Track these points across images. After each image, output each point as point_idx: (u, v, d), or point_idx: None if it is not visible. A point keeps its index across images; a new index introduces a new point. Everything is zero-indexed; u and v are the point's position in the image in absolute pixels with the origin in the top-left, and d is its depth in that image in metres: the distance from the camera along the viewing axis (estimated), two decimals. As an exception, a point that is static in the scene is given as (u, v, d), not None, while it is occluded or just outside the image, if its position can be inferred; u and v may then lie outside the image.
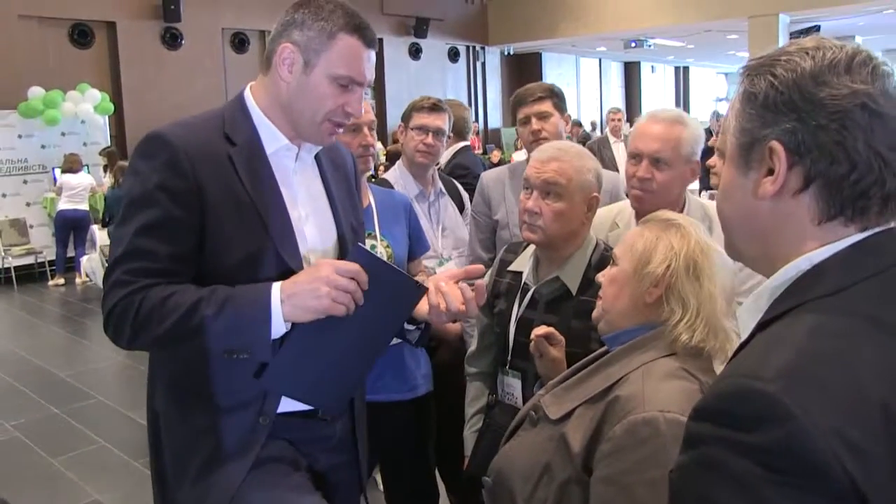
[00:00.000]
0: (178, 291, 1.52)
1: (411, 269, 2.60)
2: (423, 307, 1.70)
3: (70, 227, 9.94)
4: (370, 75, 1.69)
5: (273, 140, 1.69)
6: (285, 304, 1.52)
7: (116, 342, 1.59)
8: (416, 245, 2.66)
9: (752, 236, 1.00)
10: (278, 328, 1.54)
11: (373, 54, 1.68)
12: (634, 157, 2.19)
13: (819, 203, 0.91)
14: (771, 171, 0.93)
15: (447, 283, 1.67)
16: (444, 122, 3.01)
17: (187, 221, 1.56)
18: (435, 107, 3.01)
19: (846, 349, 0.81)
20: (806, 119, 0.89)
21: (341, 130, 1.73)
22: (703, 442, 0.82)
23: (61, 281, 9.93)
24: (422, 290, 1.66)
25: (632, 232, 1.66)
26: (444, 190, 3.16)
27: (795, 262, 0.93)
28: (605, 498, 1.41)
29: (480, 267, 1.78)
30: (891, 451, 0.76)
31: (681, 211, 2.12)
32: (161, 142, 1.57)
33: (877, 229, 0.91)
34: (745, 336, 0.95)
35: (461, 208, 3.28)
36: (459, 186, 3.41)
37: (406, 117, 3.07)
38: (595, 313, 1.68)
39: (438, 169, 3.48)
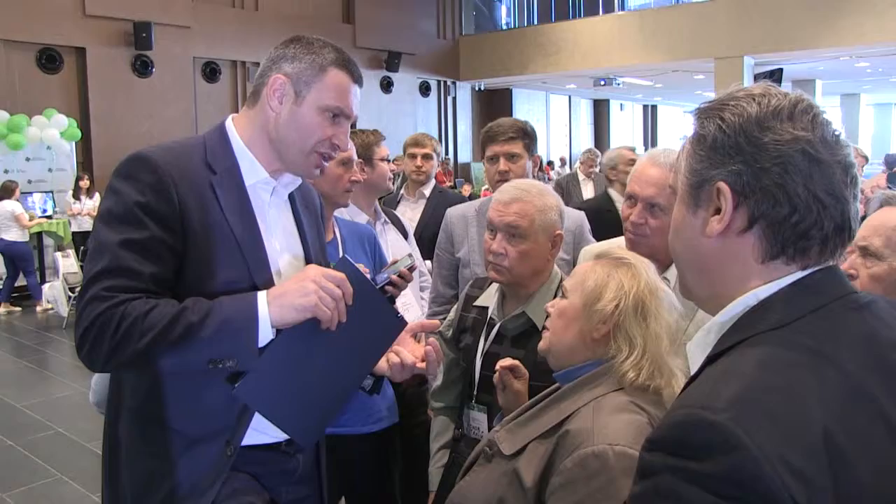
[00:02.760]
0: (160, 304, 1.50)
1: None
2: (381, 364, 1.75)
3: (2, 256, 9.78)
4: (356, 110, 1.73)
5: (252, 172, 1.70)
6: (272, 306, 1.52)
7: (90, 360, 1.51)
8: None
9: (700, 273, 1.04)
10: (265, 334, 1.52)
11: (359, 91, 1.73)
12: (630, 198, 2.11)
13: (763, 242, 0.95)
14: (718, 211, 0.97)
15: (404, 339, 1.74)
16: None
17: (171, 245, 1.55)
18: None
19: (792, 380, 0.85)
20: (750, 162, 0.94)
21: (327, 164, 1.75)
22: (656, 472, 0.85)
23: (5, 310, 9.74)
24: (402, 323, 1.70)
25: (583, 267, 1.67)
26: (387, 220, 3.25)
27: (743, 298, 0.97)
28: None
29: (436, 322, 1.86)
30: (833, 477, 0.79)
31: None
32: (147, 164, 1.56)
33: (816, 268, 0.96)
34: (694, 370, 0.98)
35: (405, 236, 3.38)
36: (399, 216, 3.50)
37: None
38: (542, 344, 1.69)
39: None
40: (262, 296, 1.53)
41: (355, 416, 2.48)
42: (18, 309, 9.80)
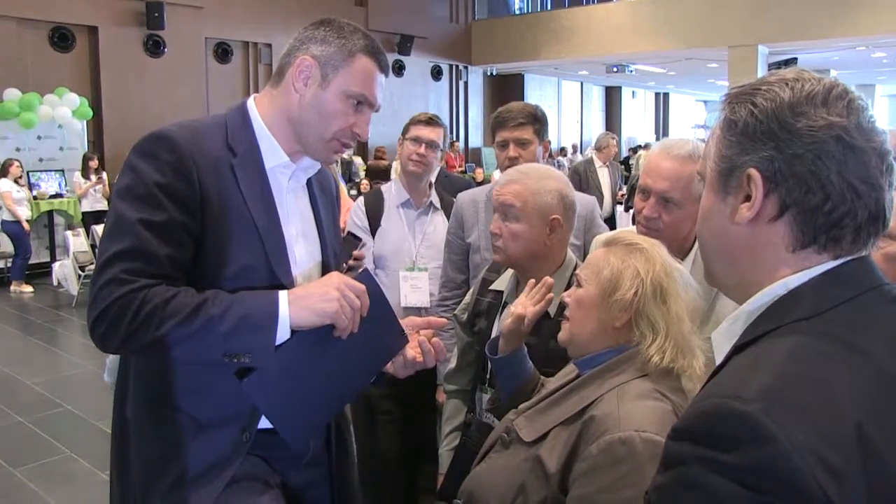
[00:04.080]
0: (180, 292, 1.48)
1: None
2: None
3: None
4: (381, 99, 1.71)
5: (273, 155, 1.68)
6: (293, 306, 1.51)
7: (104, 343, 1.49)
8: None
9: (728, 261, 1.01)
10: (283, 333, 1.52)
11: (384, 80, 1.71)
12: (643, 192, 2.04)
13: (794, 230, 0.93)
14: (748, 198, 0.95)
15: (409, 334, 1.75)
16: (437, 135, 3.14)
17: (189, 227, 1.53)
18: (431, 120, 3.16)
19: (824, 371, 0.83)
20: (783, 148, 0.91)
21: (345, 151, 1.74)
22: (683, 462, 0.83)
23: (26, 288, 9.75)
24: (404, 340, 1.72)
25: (596, 255, 1.66)
26: (437, 205, 3.21)
27: (772, 287, 0.95)
28: None
29: (444, 321, 1.87)
30: (865, 472, 0.78)
31: (689, 250, 2.05)
32: (168, 143, 1.53)
33: (848, 258, 0.93)
34: (720, 359, 0.97)
35: None
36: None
37: (405, 130, 3.21)
38: (562, 336, 1.68)
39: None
40: (283, 295, 1.52)
41: None
42: (30, 290, 9.81)
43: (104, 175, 10.70)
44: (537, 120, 2.89)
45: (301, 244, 1.74)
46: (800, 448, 0.76)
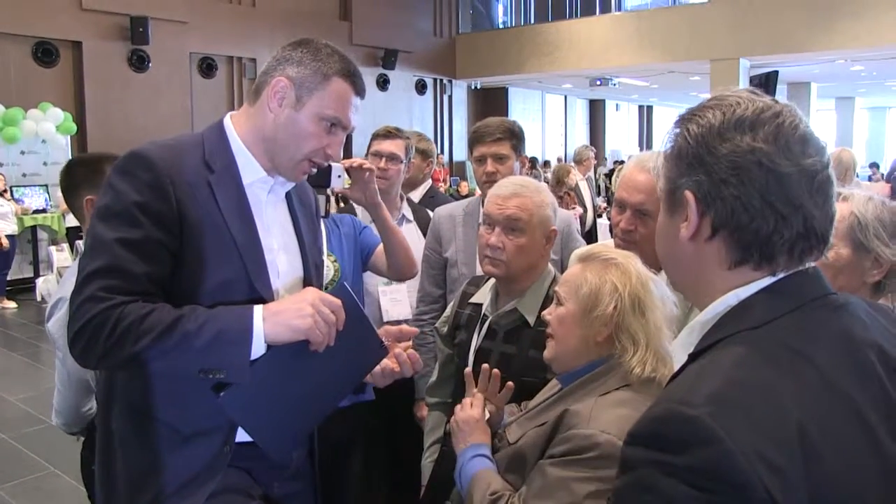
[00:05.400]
0: (157, 309, 1.50)
1: (375, 261, 2.71)
2: None
3: None
4: (355, 122, 1.73)
5: (250, 171, 1.70)
6: (267, 322, 1.52)
7: (84, 359, 1.52)
8: (368, 239, 2.77)
9: (681, 274, 1.08)
10: (258, 348, 1.53)
11: (360, 103, 1.73)
12: (619, 205, 2.07)
13: (727, 249, 0.99)
14: (688, 218, 1.00)
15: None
16: (398, 147, 3.12)
17: (167, 244, 1.55)
18: (390, 133, 3.14)
19: (768, 377, 0.88)
20: (710, 172, 0.97)
21: (314, 170, 1.75)
22: (637, 465, 0.88)
23: (8, 304, 9.65)
24: (383, 352, 1.74)
25: (574, 272, 1.70)
26: (409, 217, 3.21)
27: (724, 298, 1.00)
28: (546, 473, 1.50)
29: (416, 330, 1.88)
30: (806, 471, 0.82)
31: None
32: (145, 162, 1.56)
33: (788, 272, 0.98)
34: (677, 367, 1.01)
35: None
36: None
37: (368, 145, 3.20)
38: (547, 354, 1.72)
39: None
40: (258, 310, 1.54)
41: None
42: (14, 305, 9.72)
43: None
44: (514, 135, 2.89)
45: (282, 256, 1.75)
46: (744, 449, 0.80)
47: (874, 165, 17.04)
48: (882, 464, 0.87)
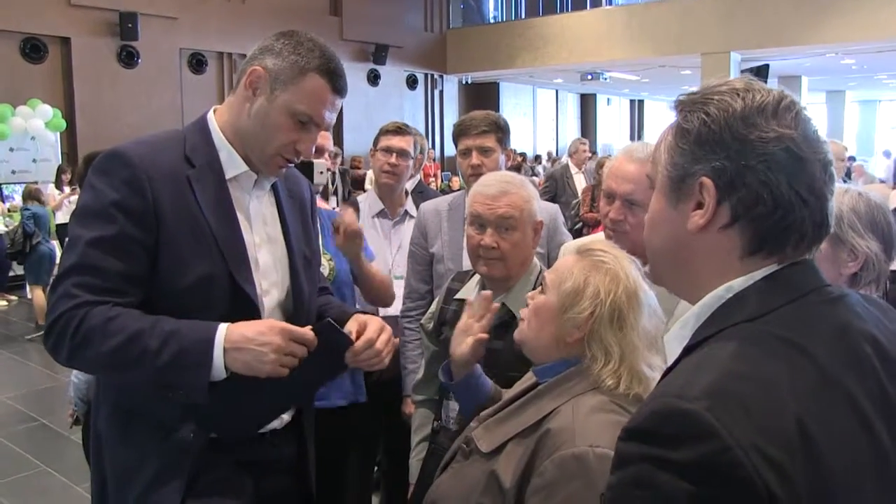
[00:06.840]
0: (122, 315, 1.50)
1: (368, 274, 2.70)
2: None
3: None
4: (330, 119, 1.70)
5: (233, 165, 1.69)
6: (228, 354, 1.51)
7: (55, 355, 1.55)
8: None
9: (677, 266, 1.04)
10: (217, 373, 1.52)
11: (339, 101, 1.70)
12: (608, 196, 2.06)
13: (744, 238, 0.96)
14: (700, 205, 0.97)
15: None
16: (408, 143, 3.15)
17: (142, 241, 1.55)
18: (400, 129, 3.18)
19: (766, 370, 0.86)
20: (735, 158, 0.94)
21: (292, 165, 1.74)
22: (632, 461, 0.86)
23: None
24: (350, 342, 1.68)
25: (565, 262, 1.64)
26: (412, 214, 3.20)
27: (716, 292, 0.97)
28: None
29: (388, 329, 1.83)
30: (806, 465, 0.80)
31: None
32: (121, 160, 1.56)
33: (789, 262, 0.97)
34: (671, 361, 0.99)
35: None
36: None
37: (375, 141, 3.22)
38: (516, 335, 1.68)
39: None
40: (219, 338, 1.52)
41: (324, 391, 2.48)
42: (15, 298, 9.67)
43: (78, 187, 10.58)
44: (500, 128, 2.88)
45: (265, 251, 1.74)
46: (741, 443, 0.79)
47: (851, 159, 17.03)
48: (878, 456, 0.86)
